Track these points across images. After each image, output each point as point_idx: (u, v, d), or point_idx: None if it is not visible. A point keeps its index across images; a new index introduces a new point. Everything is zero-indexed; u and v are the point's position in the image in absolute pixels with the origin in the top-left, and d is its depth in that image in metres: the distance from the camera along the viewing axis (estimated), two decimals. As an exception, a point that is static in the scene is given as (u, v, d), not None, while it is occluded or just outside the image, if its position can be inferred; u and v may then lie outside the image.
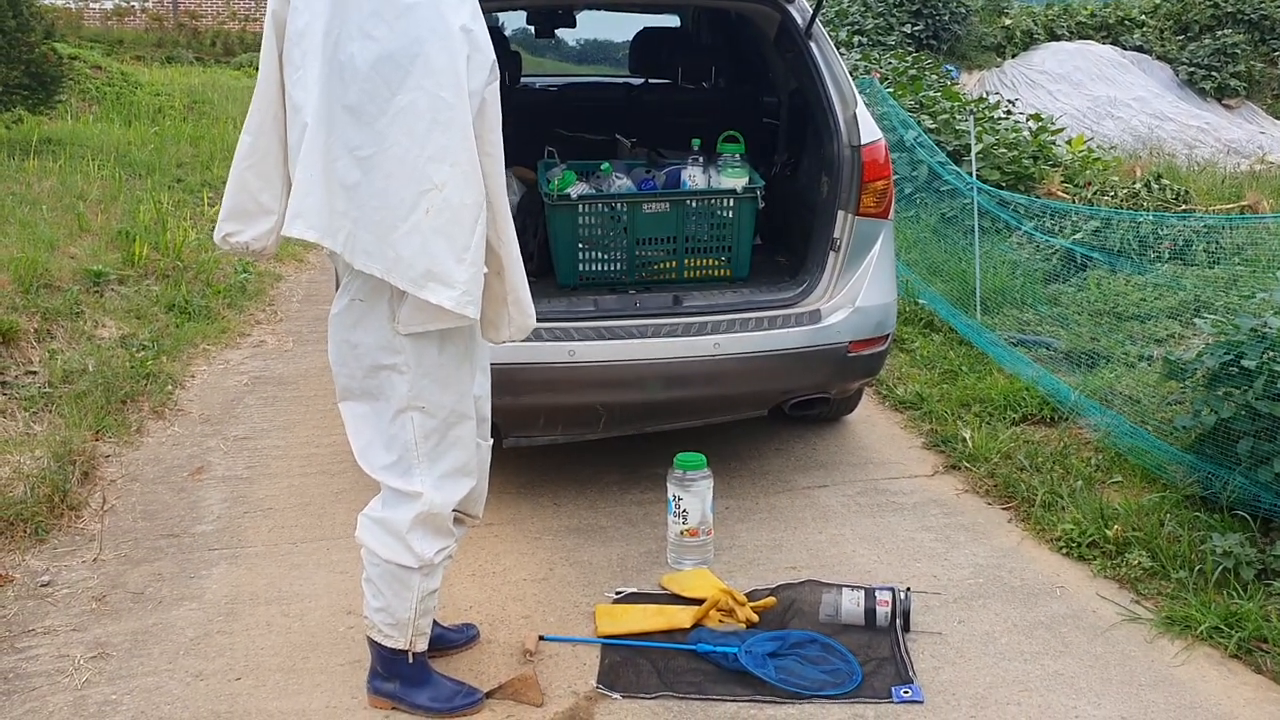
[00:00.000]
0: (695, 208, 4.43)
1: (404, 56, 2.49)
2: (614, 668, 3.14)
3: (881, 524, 4.13)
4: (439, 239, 2.51)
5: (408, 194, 2.51)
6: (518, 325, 2.86)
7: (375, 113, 2.51)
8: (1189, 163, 14.53)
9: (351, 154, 2.53)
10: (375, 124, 2.52)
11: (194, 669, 3.17)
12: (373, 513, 2.84)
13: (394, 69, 2.49)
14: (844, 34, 19.49)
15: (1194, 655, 3.25)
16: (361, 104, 2.51)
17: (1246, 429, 3.84)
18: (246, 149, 2.74)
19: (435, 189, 2.51)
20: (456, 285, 2.52)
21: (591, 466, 4.61)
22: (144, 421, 5.08)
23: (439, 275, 2.52)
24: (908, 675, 3.10)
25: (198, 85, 15.05)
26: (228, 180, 2.78)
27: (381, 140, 2.52)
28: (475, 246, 2.55)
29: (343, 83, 2.51)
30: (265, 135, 2.72)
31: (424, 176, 2.51)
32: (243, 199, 2.75)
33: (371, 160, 2.53)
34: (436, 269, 2.51)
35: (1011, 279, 6.79)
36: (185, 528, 4.09)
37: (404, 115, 2.50)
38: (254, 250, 2.79)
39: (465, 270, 2.53)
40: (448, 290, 2.52)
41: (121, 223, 7.56)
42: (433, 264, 2.51)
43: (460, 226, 2.53)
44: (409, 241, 2.52)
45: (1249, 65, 22.29)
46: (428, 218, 2.51)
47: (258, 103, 2.73)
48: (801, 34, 4.44)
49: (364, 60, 2.50)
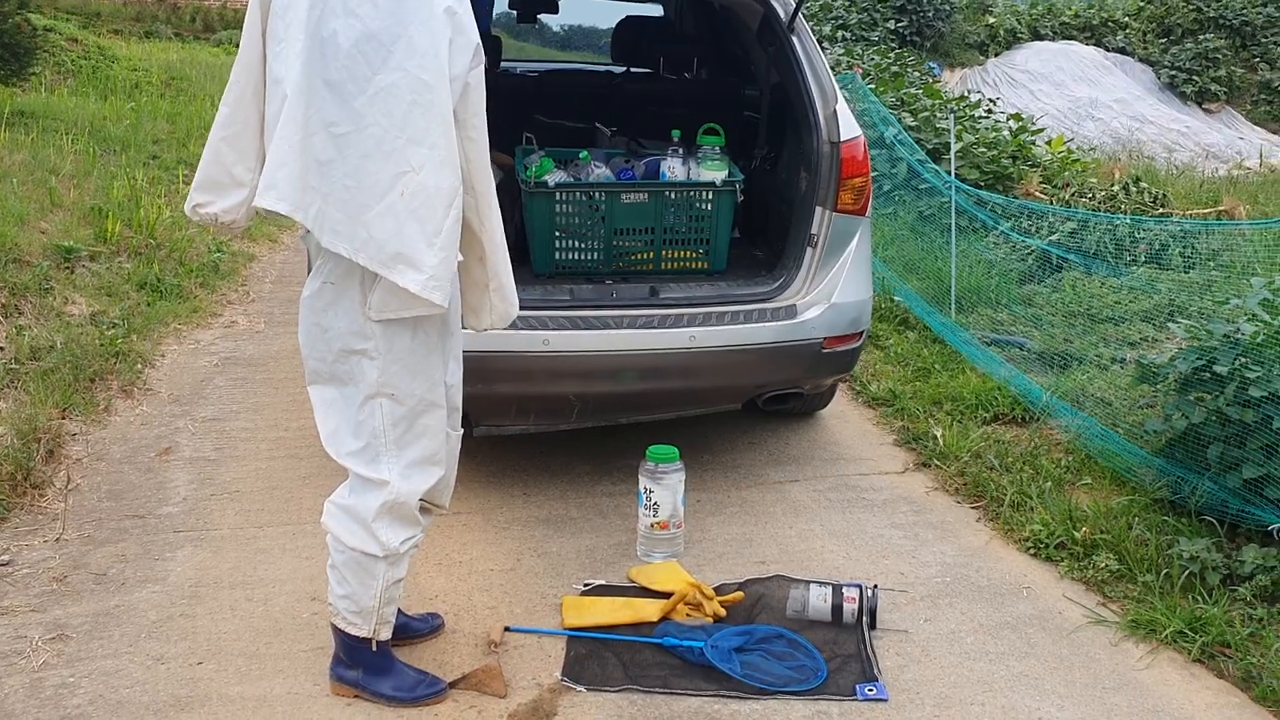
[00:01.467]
0: (674, 199, 4.41)
1: (387, 36, 2.47)
2: (579, 660, 3.13)
3: (851, 520, 4.13)
4: (412, 222, 2.49)
5: (384, 175, 2.49)
6: (500, 313, 2.86)
7: (355, 91, 2.49)
8: (1168, 166, 14.63)
9: (328, 130, 2.50)
10: (354, 102, 2.49)
11: (155, 652, 3.13)
12: (339, 499, 2.81)
13: (376, 48, 2.47)
14: (828, 29, 19.52)
15: (1158, 659, 3.26)
16: (342, 81, 2.49)
17: (1216, 434, 3.86)
18: (224, 120, 2.72)
19: (412, 171, 2.49)
20: (425, 269, 2.50)
21: (563, 457, 4.59)
22: (112, 400, 5.03)
23: (408, 258, 2.49)
24: (873, 673, 3.10)
25: (176, 61, 14.91)
26: (204, 151, 2.75)
27: (359, 119, 2.49)
28: (447, 231, 2.52)
29: (324, 59, 2.49)
30: (243, 108, 2.70)
31: (402, 158, 2.49)
32: (216, 170, 2.74)
33: (348, 138, 2.50)
34: (407, 251, 2.49)
35: (987, 278, 6.81)
36: (151, 509, 4.05)
37: (384, 95, 2.48)
38: (223, 222, 2.76)
39: (435, 255, 2.51)
40: (415, 274, 2.50)
41: (94, 199, 7.48)
42: (403, 246, 2.49)
43: (433, 210, 2.50)
44: (382, 223, 2.49)
45: (1230, 70, 22.48)
46: (403, 200, 2.49)
47: (237, 75, 2.70)
48: (784, 27, 4.42)
49: (346, 38, 2.47)
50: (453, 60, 2.53)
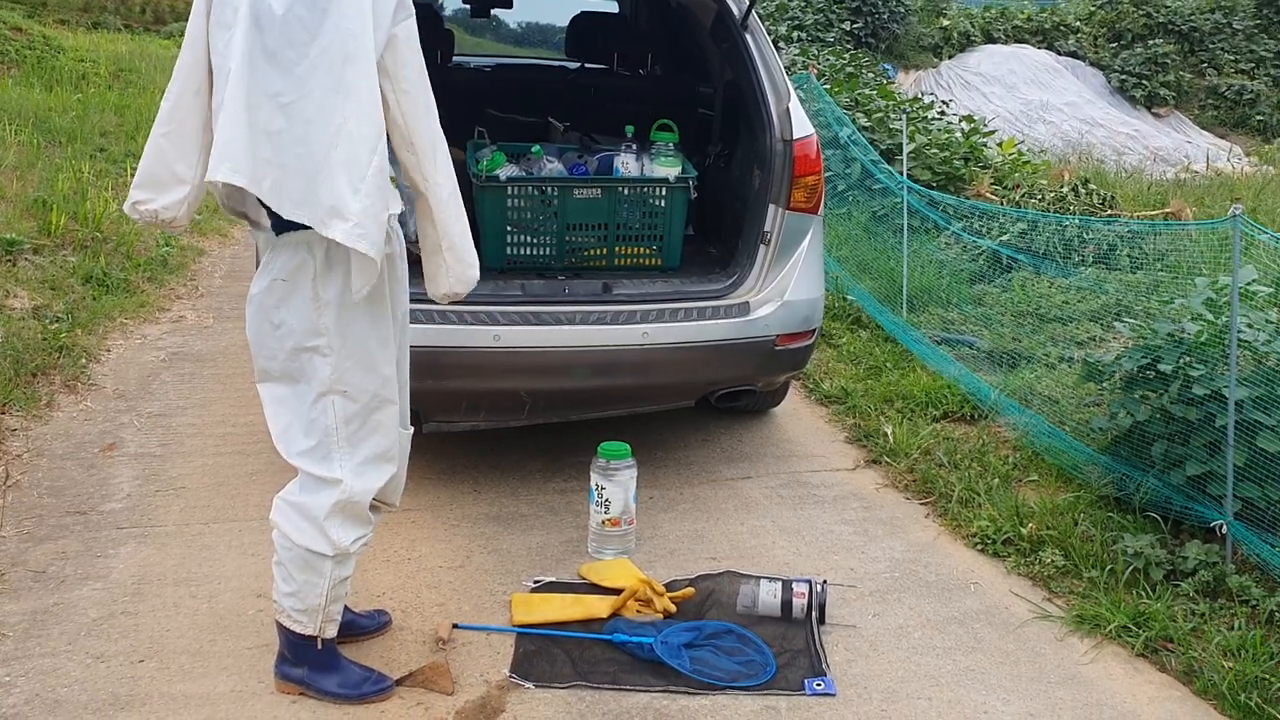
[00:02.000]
0: (627, 195, 4.40)
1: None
2: (528, 657, 3.11)
3: (802, 516, 4.15)
4: (341, 172, 2.46)
5: (326, 135, 2.47)
6: (456, 275, 2.80)
7: (295, 58, 2.46)
8: (1117, 169, 14.82)
9: (274, 100, 2.47)
10: (294, 70, 2.47)
11: (95, 650, 3.07)
12: (290, 496, 2.78)
13: (310, 10, 2.45)
14: (784, 29, 19.61)
15: (1102, 653, 3.30)
16: (280, 49, 2.46)
17: (1161, 432, 3.91)
18: (165, 116, 2.68)
19: (344, 121, 2.47)
20: (350, 216, 2.45)
21: (514, 454, 4.57)
22: (55, 395, 4.93)
23: (338, 209, 2.46)
24: (821, 668, 3.12)
25: (125, 53, 14.67)
26: (145, 147, 2.72)
27: (302, 85, 2.47)
28: (371, 177, 2.48)
29: (261, 30, 2.46)
30: (185, 104, 2.66)
31: (338, 114, 2.47)
32: (157, 167, 2.70)
33: (294, 106, 2.47)
34: (337, 203, 2.46)
35: (938, 278, 6.87)
36: (93, 505, 3.98)
37: (323, 58, 2.46)
38: (163, 220, 2.72)
39: (359, 201, 2.46)
40: (341, 222, 2.46)
41: (39, 191, 7.34)
42: (335, 199, 2.46)
43: (358, 158, 2.47)
44: (331, 183, 2.47)
45: (1178, 75, 22.85)
46: (337, 152, 2.47)
47: (180, 71, 2.67)
48: (737, 25, 4.42)
49: (280, 4, 2.44)
50: (377, 11, 2.50)
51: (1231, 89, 22.75)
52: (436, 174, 2.69)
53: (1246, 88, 22.69)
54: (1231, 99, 22.71)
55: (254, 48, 2.46)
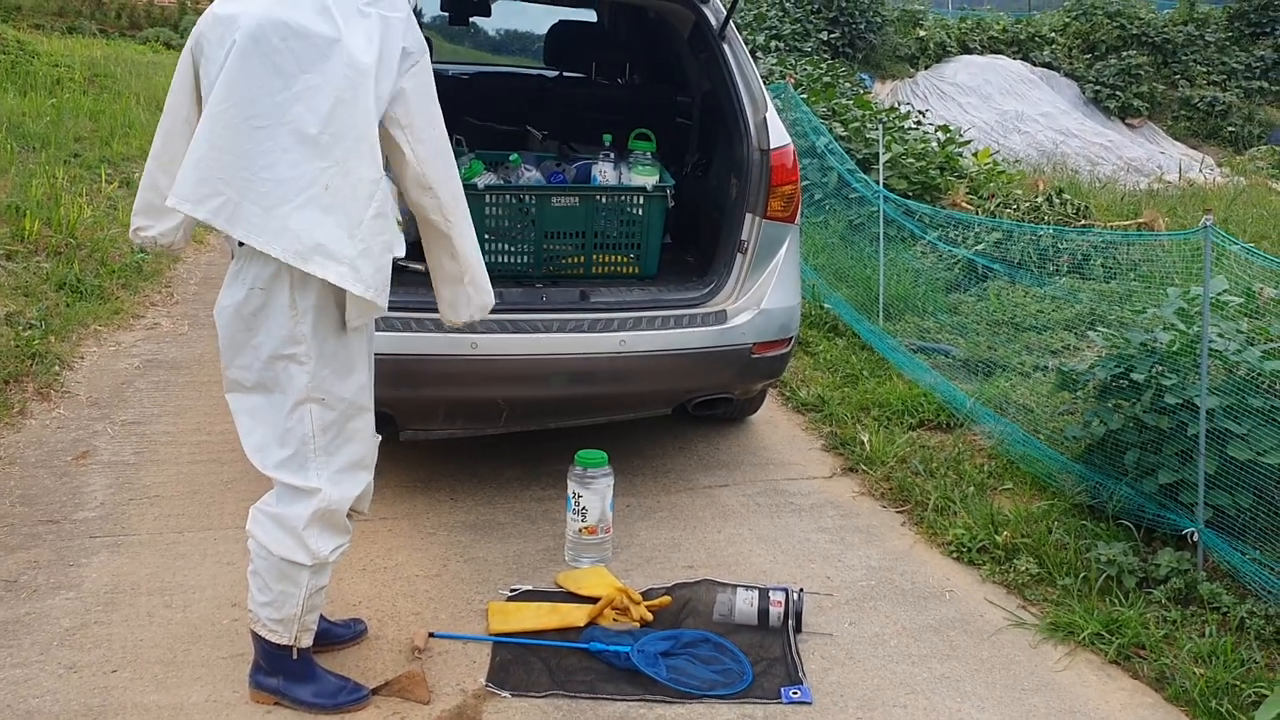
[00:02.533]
0: (605, 204, 4.41)
1: (319, 39, 2.48)
2: (504, 666, 3.11)
3: (779, 524, 4.16)
4: (331, 214, 2.50)
5: (305, 169, 2.49)
6: (477, 304, 2.97)
7: (279, 86, 2.48)
8: (1091, 179, 14.93)
9: (248, 123, 2.49)
10: (276, 96, 2.49)
11: (67, 660, 3.05)
12: (267, 508, 2.77)
13: (307, 49, 2.48)
14: (761, 38, 19.68)
15: (1076, 661, 3.33)
16: (264, 75, 2.49)
17: (1133, 440, 3.95)
18: (157, 148, 2.79)
19: (334, 165, 2.49)
20: (343, 260, 2.50)
21: (491, 462, 4.56)
22: (27, 403, 4.89)
23: (327, 249, 2.50)
24: (797, 676, 3.13)
25: (100, 58, 14.56)
26: (142, 177, 2.84)
27: (281, 113, 2.48)
28: (369, 224, 2.52)
29: (246, 56, 2.48)
30: (175, 136, 2.74)
31: (325, 153, 2.49)
32: (152, 195, 2.81)
33: (264, 131, 2.49)
34: (326, 243, 2.50)
35: (914, 287, 6.90)
36: (66, 514, 3.95)
37: (309, 92, 2.48)
38: (161, 245, 2.84)
39: (354, 246, 2.51)
40: (335, 265, 2.50)
41: (12, 196, 7.28)
42: (323, 238, 2.50)
43: (355, 203, 2.51)
44: (301, 216, 2.49)
45: (1151, 86, 23.06)
46: (326, 194, 2.49)
47: (170, 100, 2.76)
48: (715, 35, 4.44)
49: (278, 37, 2.47)
50: (384, 61, 2.54)
51: (1204, 100, 22.97)
52: (458, 212, 2.80)
53: (1218, 99, 22.92)
54: (1204, 110, 22.93)
55: (237, 72, 2.48)
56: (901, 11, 24.03)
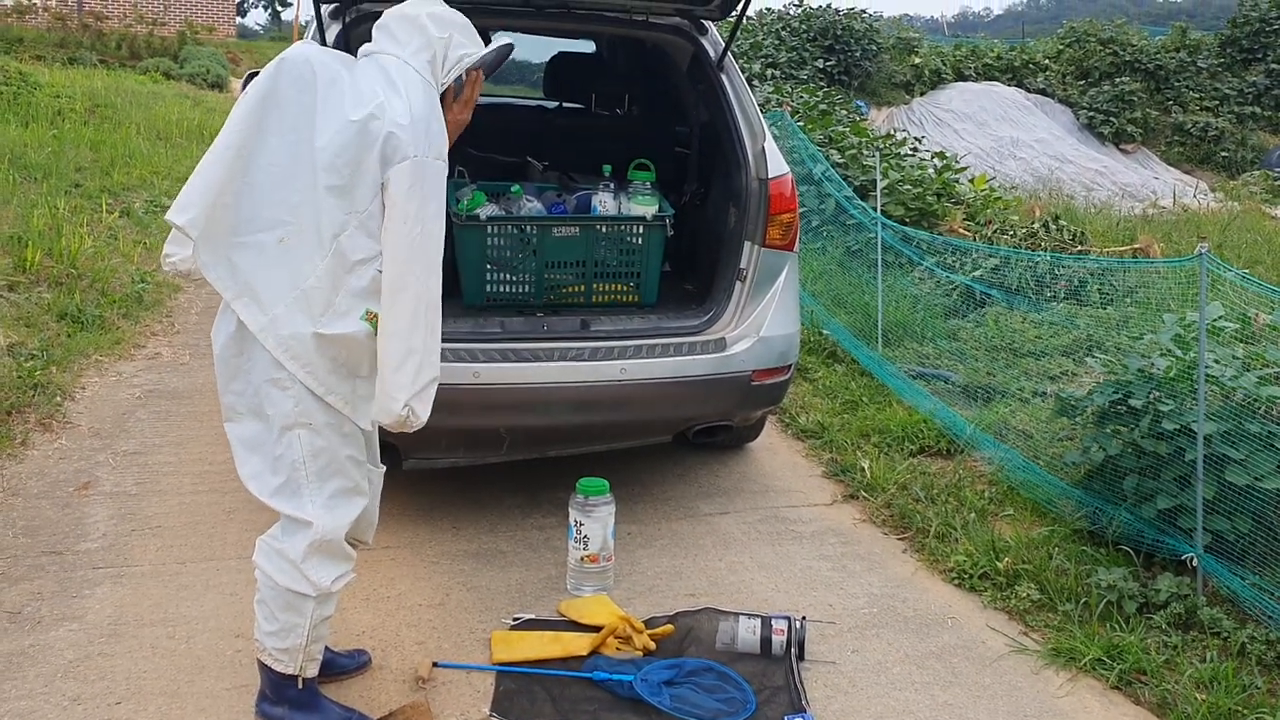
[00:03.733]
0: (605, 233, 4.44)
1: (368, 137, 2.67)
2: (508, 695, 3.11)
3: (780, 552, 4.17)
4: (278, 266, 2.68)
5: (268, 215, 2.68)
6: (379, 407, 2.71)
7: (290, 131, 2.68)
8: (1086, 204, 15.00)
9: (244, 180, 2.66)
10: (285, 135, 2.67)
11: (71, 692, 3.05)
12: (272, 541, 2.79)
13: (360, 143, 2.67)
14: (757, 67, 19.80)
15: (1078, 686, 3.33)
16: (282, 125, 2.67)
17: (1132, 466, 3.96)
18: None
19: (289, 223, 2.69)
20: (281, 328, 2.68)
21: (493, 490, 4.57)
22: (29, 434, 4.91)
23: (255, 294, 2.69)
24: (801, 704, 3.13)
25: (100, 89, 14.63)
26: None
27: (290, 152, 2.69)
28: (311, 293, 2.69)
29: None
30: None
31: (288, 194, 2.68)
32: None
33: (267, 169, 2.67)
34: (255, 287, 2.68)
35: (913, 313, 6.93)
36: (68, 545, 3.95)
37: (304, 147, 2.68)
38: (183, 272, 2.87)
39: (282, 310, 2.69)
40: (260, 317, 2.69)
41: (14, 227, 7.31)
42: (251, 279, 2.67)
43: (300, 269, 2.69)
44: (243, 255, 2.69)
45: (1145, 112, 23.20)
46: (280, 246, 2.67)
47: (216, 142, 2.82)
48: (713, 66, 4.49)
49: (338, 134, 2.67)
50: (362, 155, 2.67)
51: (1196, 126, 23.12)
52: (393, 314, 2.66)
53: (1211, 125, 23.06)
54: (1197, 136, 23.07)
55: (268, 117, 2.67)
56: (896, 39, 24.22)
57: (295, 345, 2.66)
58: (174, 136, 12.75)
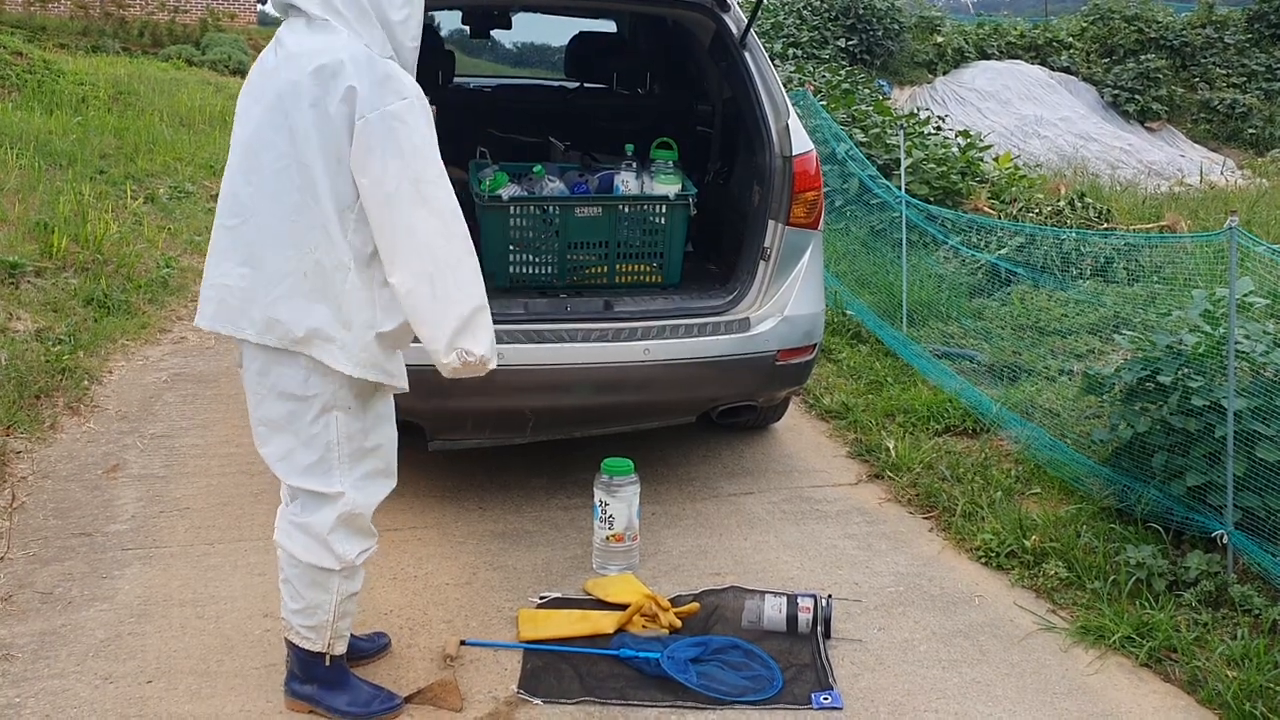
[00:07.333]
0: (628, 213, 4.43)
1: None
2: (535, 673, 3.12)
3: (805, 531, 4.16)
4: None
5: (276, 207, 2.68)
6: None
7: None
8: (1111, 182, 14.86)
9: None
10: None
11: (103, 671, 3.08)
12: (293, 516, 2.80)
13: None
14: (779, 46, 19.70)
15: (1106, 664, 3.31)
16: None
17: (1161, 443, 3.93)
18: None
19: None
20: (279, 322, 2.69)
21: (518, 471, 4.58)
22: (58, 417, 4.95)
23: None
24: (828, 682, 3.12)
25: (124, 76, 14.69)
26: None
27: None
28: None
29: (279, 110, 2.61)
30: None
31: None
32: None
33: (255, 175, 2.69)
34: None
35: (938, 292, 6.89)
36: (98, 527, 3.99)
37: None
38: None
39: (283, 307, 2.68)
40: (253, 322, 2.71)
41: (40, 214, 7.37)
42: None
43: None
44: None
45: (1170, 90, 22.93)
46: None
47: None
48: (736, 43, 4.46)
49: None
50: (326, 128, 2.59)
51: (1223, 103, 22.83)
52: (395, 264, 2.61)
53: (1238, 101, 22.77)
54: (1224, 113, 22.78)
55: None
56: (919, 18, 24.01)
57: (365, 356, 2.66)
58: (197, 123, 12.80)
